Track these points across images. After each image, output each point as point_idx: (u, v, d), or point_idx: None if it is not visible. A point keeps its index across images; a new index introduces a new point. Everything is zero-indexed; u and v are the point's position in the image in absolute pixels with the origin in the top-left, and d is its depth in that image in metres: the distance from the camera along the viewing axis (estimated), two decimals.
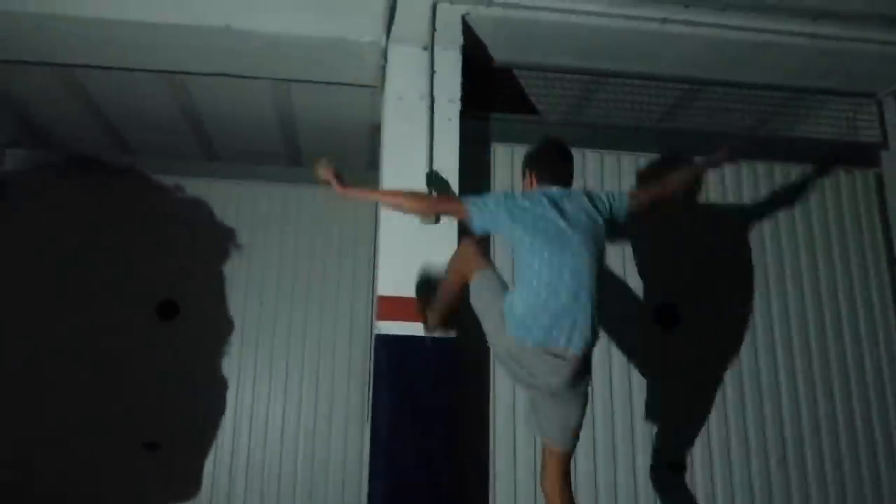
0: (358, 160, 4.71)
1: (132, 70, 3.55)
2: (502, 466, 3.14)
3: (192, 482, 4.28)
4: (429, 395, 2.77)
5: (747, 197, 3.72)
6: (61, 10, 3.04)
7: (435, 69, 3.20)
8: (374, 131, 4.02)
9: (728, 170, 3.69)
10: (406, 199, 2.62)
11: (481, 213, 2.45)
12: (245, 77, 3.60)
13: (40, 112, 4.15)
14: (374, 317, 3.01)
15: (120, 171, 4.66)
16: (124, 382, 4.32)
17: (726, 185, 3.72)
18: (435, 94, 3.17)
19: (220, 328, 4.50)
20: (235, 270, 4.62)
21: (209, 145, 4.61)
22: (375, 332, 2.89)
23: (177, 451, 4.30)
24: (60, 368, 4.28)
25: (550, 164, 2.61)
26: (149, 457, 4.23)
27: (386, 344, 2.83)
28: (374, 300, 3.07)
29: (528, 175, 2.67)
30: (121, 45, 3.29)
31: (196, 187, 4.67)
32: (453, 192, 3.00)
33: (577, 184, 3.50)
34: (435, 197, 2.93)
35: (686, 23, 3.32)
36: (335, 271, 4.73)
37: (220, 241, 4.61)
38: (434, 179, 3.01)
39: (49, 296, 4.39)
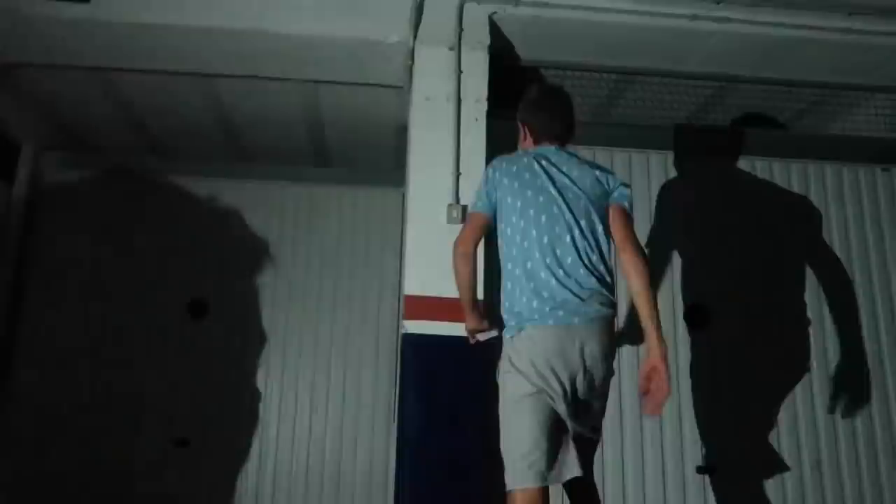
0: (384, 161, 4.74)
1: (165, 73, 3.61)
2: None
3: (222, 479, 4.34)
4: (457, 396, 2.77)
5: (781, 195, 3.66)
6: (97, 14, 3.10)
7: (462, 69, 3.20)
8: (401, 132, 4.04)
9: (760, 168, 3.63)
10: (452, 259, 2.35)
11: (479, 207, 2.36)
12: (274, 79, 3.64)
13: (76, 115, 4.24)
14: (401, 316, 3.01)
15: (153, 172, 4.75)
16: (156, 379, 4.41)
17: (759, 182, 3.66)
18: (462, 94, 3.17)
19: (248, 327, 4.57)
20: (264, 270, 4.68)
21: (239, 146, 4.67)
22: (402, 331, 2.90)
23: (206, 448, 4.36)
24: (94, 365, 4.38)
25: (552, 122, 2.40)
26: (179, 453, 4.30)
27: (413, 343, 2.83)
28: (402, 300, 3.07)
29: (522, 129, 2.47)
30: (154, 48, 3.35)
31: (225, 188, 4.74)
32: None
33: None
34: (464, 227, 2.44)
35: (716, 19, 3.27)
36: (362, 270, 4.76)
37: (249, 240, 4.68)
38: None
39: (84, 294, 4.49)
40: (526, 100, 2.50)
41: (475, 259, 2.36)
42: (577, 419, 2.12)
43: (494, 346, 2.39)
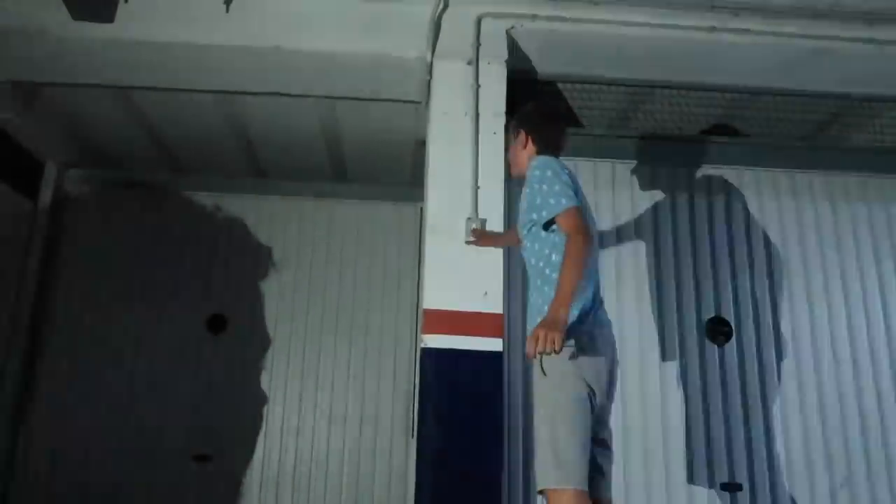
0: (402, 176, 4.76)
1: (186, 91, 3.65)
2: None
3: (241, 494, 4.32)
4: (476, 410, 2.75)
5: (804, 208, 3.62)
6: (120, 34, 3.15)
7: (479, 83, 3.20)
8: (419, 146, 4.05)
9: (784, 179, 3.60)
10: (579, 248, 2.11)
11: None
12: (293, 95, 3.67)
13: (98, 133, 4.30)
14: (419, 330, 3.00)
15: (173, 188, 4.81)
16: (177, 394, 4.43)
17: (781, 196, 3.63)
18: (480, 108, 3.17)
19: (266, 342, 4.57)
20: (282, 285, 4.69)
21: (257, 162, 4.71)
22: (421, 345, 2.88)
23: (226, 463, 4.36)
24: (115, 380, 4.41)
25: (558, 135, 2.50)
26: (199, 469, 4.30)
27: (432, 357, 2.81)
28: (420, 314, 3.07)
29: (524, 136, 2.48)
30: (175, 66, 3.40)
31: (244, 203, 4.78)
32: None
33: (629, 199, 3.56)
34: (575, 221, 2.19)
35: (735, 31, 3.26)
36: (380, 285, 4.76)
37: (267, 256, 4.70)
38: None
39: (105, 309, 4.53)
40: (534, 111, 2.56)
41: None
42: (606, 426, 2.25)
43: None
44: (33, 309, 4.46)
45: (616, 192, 3.56)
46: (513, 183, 3.00)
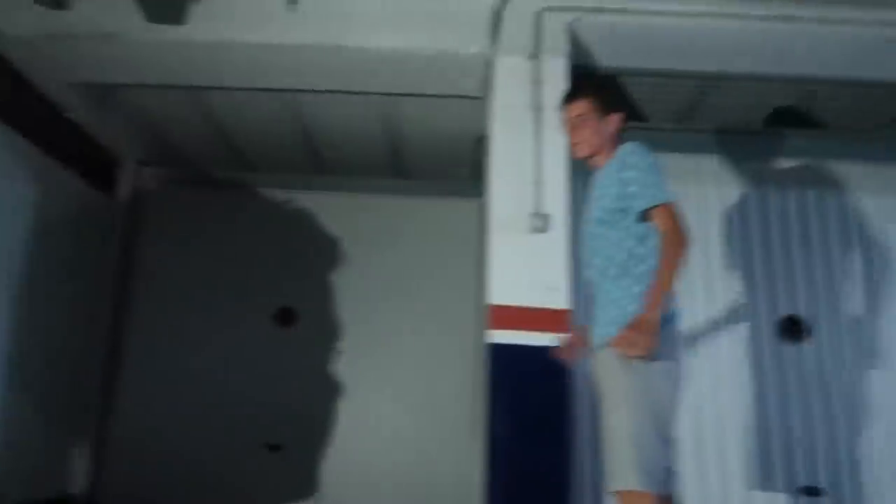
0: (461, 172, 4.77)
1: (252, 90, 3.76)
2: None
3: (311, 484, 4.42)
4: (546, 407, 2.73)
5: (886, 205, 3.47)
6: (192, 35, 3.27)
7: (541, 78, 3.18)
8: (479, 142, 4.06)
9: (864, 173, 3.46)
10: (680, 249, 2.04)
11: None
12: (354, 93, 3.73)
13: (171, 132, 4.46)
14: (485, 326, 3.01)
15: (241, 185, 4.95)
16: (248, 386, 4.56)
17: (856, 190, 3.49)
18: (541, 103, 3.15)
19: (333, 335, 4.67)
20: (347, 280, 4.78)
21: (321, 159, 4.80)
22: (488, 341, 2.88)
23: (297, 453, 4.47)
24: (192, 372, 4.58)
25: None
26: (271, 458, 4.43)
27: (500, 354, 2.81)
28: (484, 310, 3.07)
29: (613, 114, 2.30)
30: (242, 66, 3.50)
31: (309, 200, 4.89)
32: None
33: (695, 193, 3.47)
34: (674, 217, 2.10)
35: (806, 20, 3.14)
36: (441, 280, 4.80)
37: (332, 250, 4.80)
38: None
39: (180, 303, 4.71)
40: (613, 86, 2.41)
41: None
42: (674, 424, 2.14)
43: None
44: (114, 300, 4.66)
45: (685, 187, 3.48)
46: (577, 177, 2.98)
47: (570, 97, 2.36)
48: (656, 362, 2.01)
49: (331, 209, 4.88)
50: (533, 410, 2.75)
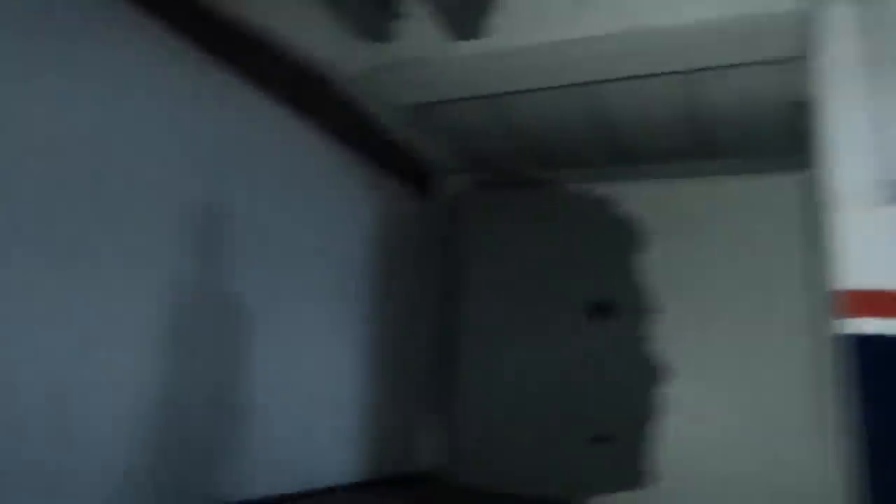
0: (776, 144, 4.31)
1: (549, 89, 3.88)
2: None
3: (642, 475, 4.38)
4: None
5: None
6: (487, 46, 3.46)
7: (874, 25, 2.73)
8: (795, 108, 3.64)
9: None
10: None
11: None
12: (651, 75, 3.63)
13: (478, 139, 4.80)
14: (829, 313, 2.64)
15: (545, 183, 5.13)
16: (571, 380, 4.69)
17: None
18: (877, 54, 2.70)
19: (653, 324, 4.58)
20: (663, 268, 4.63)
21: (620, 149, 4.74)
22: (843, 331, 2.53)
23: (627, 444, 4.46)
24: (515, 363, 4.85)
25: None
26: (599, 449, 4.49)
27: (864, 345, 2.46)
28: (826, 295, 2.70)
29: None
30: (537, 67, 3.63)
31: (616, 190, 4.86)
32: None
33: None
34: None
35: None
36: (758, 264, 4.37)
37: (644, 241, 4.70)
38: None
39: (503, 300, 5.01)
40: None
41: None
42: None
43: None
44: (443, 297, 5.16)
45: None
46: None
47: None
48: None
49: (640, 197, 4.78)
50: None
